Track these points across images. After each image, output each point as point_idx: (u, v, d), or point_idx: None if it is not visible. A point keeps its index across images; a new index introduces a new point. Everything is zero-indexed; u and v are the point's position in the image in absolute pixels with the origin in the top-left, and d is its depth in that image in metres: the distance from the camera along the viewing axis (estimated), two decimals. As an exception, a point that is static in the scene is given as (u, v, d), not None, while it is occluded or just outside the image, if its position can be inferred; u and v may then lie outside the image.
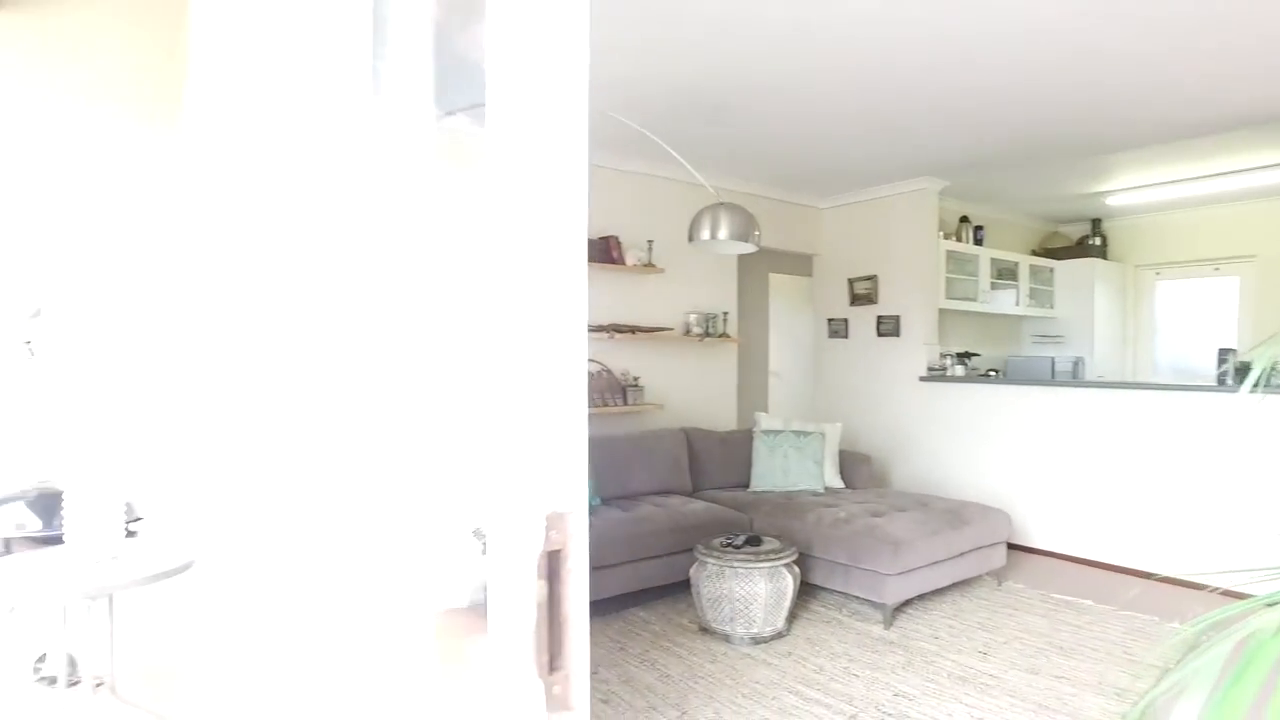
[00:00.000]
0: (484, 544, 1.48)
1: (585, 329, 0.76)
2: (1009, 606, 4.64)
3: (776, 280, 8.31)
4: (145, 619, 3.47)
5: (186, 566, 2.88)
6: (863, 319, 7.07)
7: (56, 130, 3.63)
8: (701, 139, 5.28)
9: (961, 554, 4.67)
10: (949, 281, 7.04)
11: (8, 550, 3.13)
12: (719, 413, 6.59)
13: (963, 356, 6.82)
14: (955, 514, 4.83)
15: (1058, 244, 8.60)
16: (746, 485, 5.66)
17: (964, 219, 7.49)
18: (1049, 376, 6.36)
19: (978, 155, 5.72)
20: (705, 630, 4.22)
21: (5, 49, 3.35)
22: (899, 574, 4.27)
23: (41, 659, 3.63)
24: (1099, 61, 3.97)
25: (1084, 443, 5.51)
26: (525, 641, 0.75)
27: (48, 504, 3.25)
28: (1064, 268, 8.30)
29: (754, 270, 7.79)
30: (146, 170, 3.93)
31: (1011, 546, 5.46)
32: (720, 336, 6.38)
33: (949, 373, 6.62)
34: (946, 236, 7.14)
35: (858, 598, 4.62)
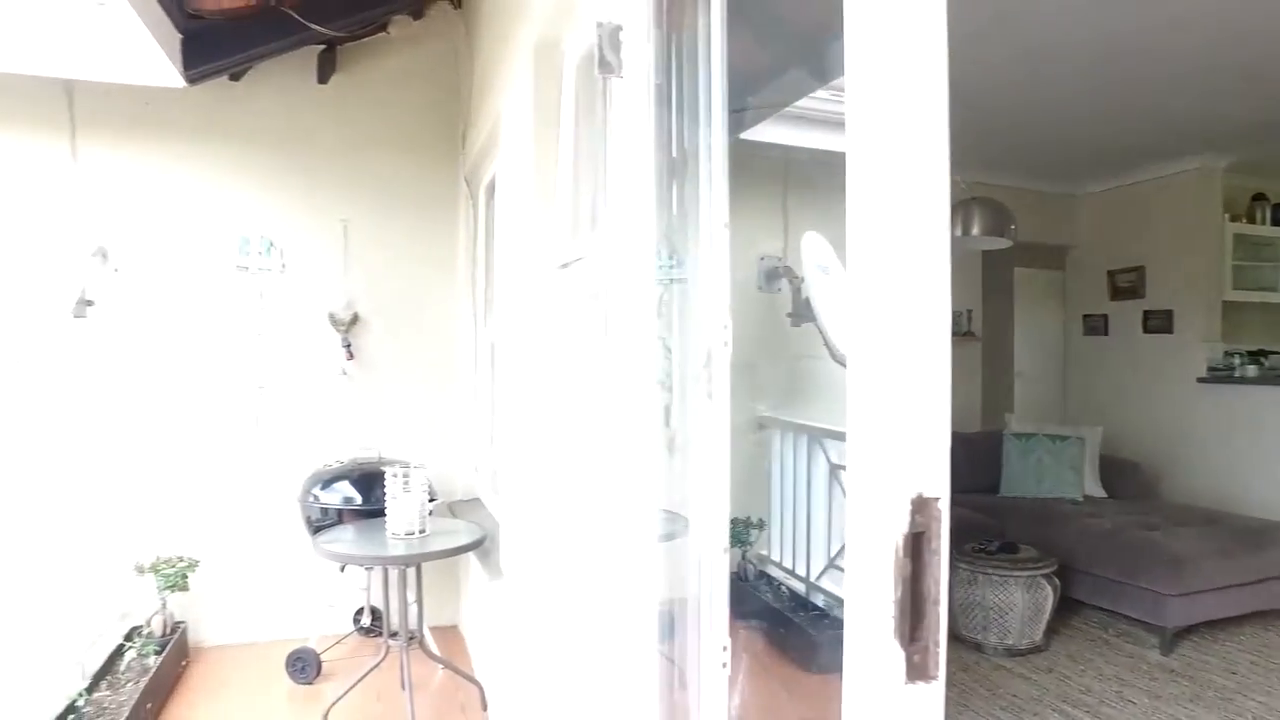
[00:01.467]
0: (670, 530, 1.57)
1: (948, 319, 0.83)
2: (1331, 646, 4.05)
3: (1023, 275, 7.78)
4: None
5: (479, 543, 3.26)
6: (1126, 314, 6.45)
7: (372, 168, 4.33)
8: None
9: (1263, 580, 4.13)
10: (1237, 270, 6.21)
11: (339, 520, 3.71)
12: (961, 413, 6.25)
13: (1257, 355, 5.99)
14: (1255, 534, 4.28)
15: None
16: (994, 490, 5.37)
17: (1258, 196, 6.56)
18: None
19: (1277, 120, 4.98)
20: (954, 636, 4.08)
21: (339, 105, 4.21)
22: (1181, 595, 3.88)
23: (359, 612, 4.26)
24: None
25: None
26: (885, 614, 0.83)
27: (367, 481, 3.81)
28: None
29: (998, 264, 7.35)
30: (435, 201, 4.50)
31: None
32: (964, 335, 6.10)
33: (1238, 373, 5.85)
34: (1235, 218, 6.31)
35: (1128, 617, 4.24)
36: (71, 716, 3.03)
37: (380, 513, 3.60)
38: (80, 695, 3.14)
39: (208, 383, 4.15)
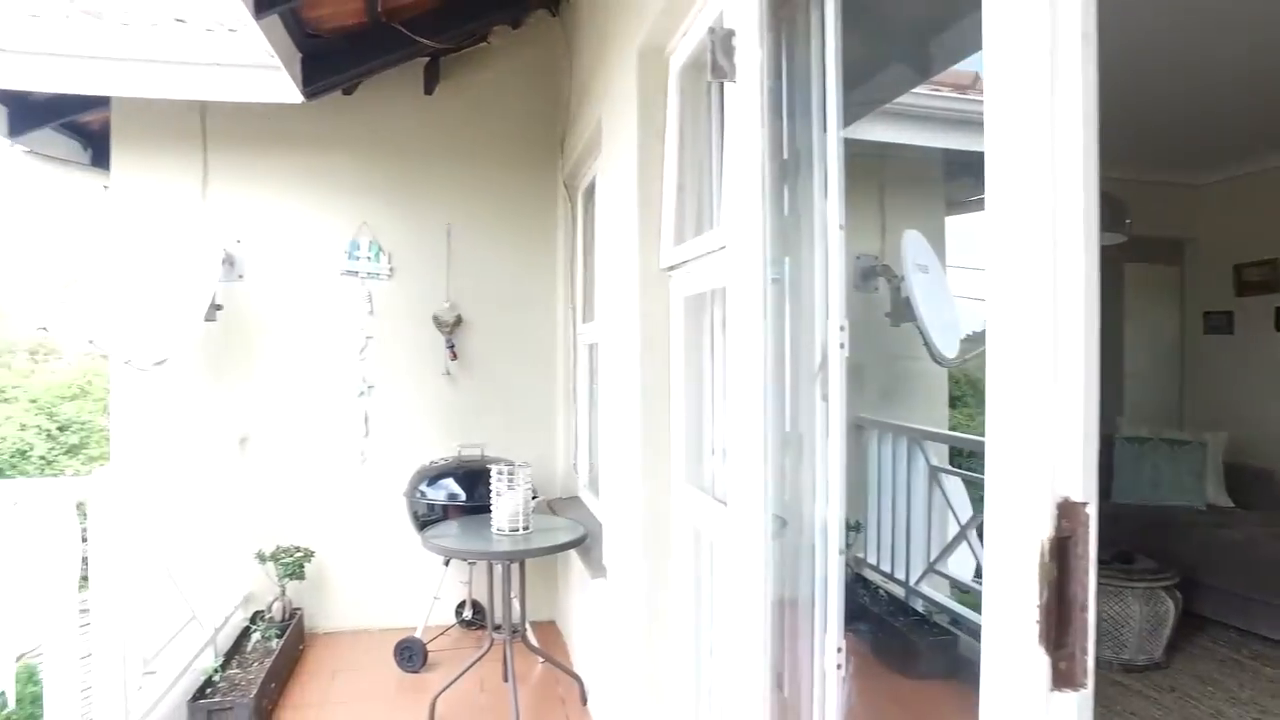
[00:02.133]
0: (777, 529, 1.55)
1: (1097, 317, 0.81)
2: None
3: (1134, 270, 7.38)
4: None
5: (580, 540, 3.33)
6: (1254, 311, 6.03)
7: (474, 174, 4.50)
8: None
9: None
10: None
11: (444, 515, 3.85)
12: (1069, 417, 6.02)
13: None
14: None
15: None
16: (1106, 496, 5.13)
17: None
18: None
19: None
20: (1066, 650, 3.91)
21: (444, 114, 4.40)
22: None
23: (461, 605, 4.40)
24: None
25: None
26: (1028, 619, 0.82)
27: (471, 478, 3.93)
28: None
29: (1106, 260, 6.95)
30: (534, 205, 4.61)
31: None
32: (1072, 334, 5.83)
33: (1382, 375, 5.41)
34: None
35: (1263, 637, 3.98)
36: (209, 690, 3.26)
37: (483, 509, 3.72)
38: (216, 671, 3.37)
39: (321, 382, 4.37)
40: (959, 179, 5.79)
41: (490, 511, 3.55)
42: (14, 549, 2.72)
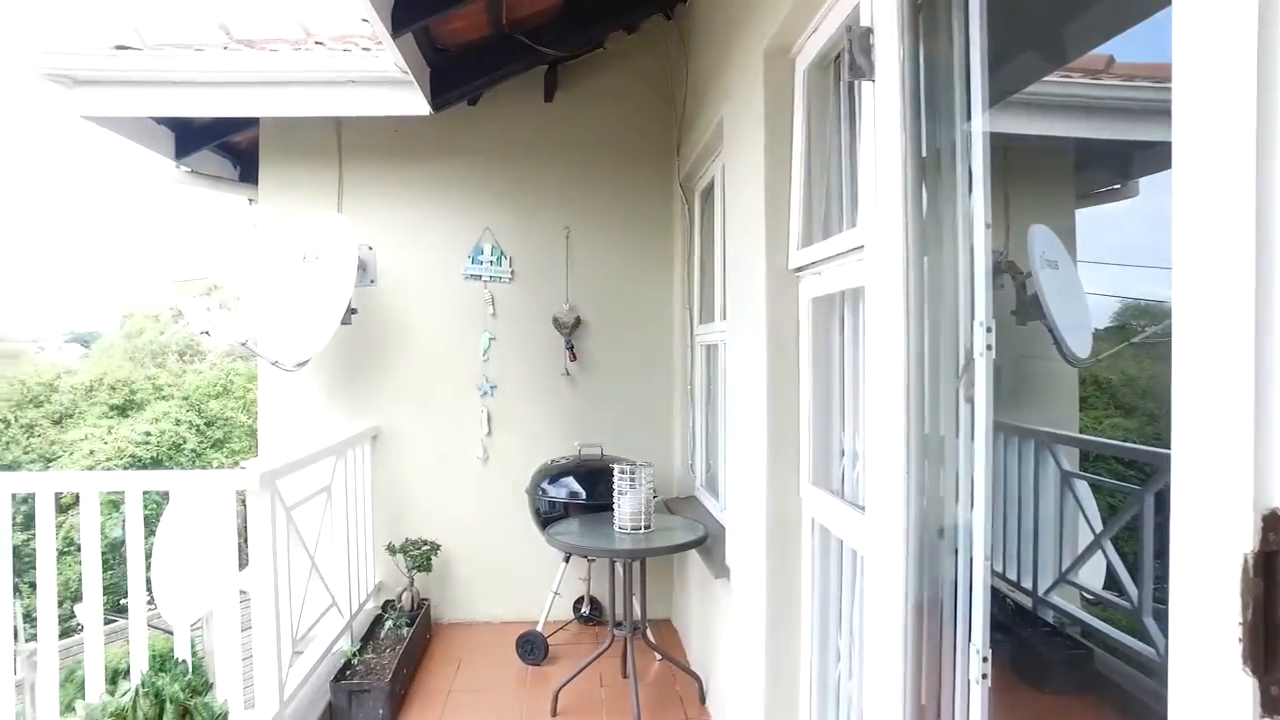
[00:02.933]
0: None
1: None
2: None
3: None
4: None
5: (701, 540, 3.34)
6: None
7: (592, 177, 4.60)
8: None
9: None
10: None
11: (565, 513, 3.94)
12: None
13: None
14: None
15: None
16: None
17: None
18: None
19: None
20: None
21: (562, 120, 4.54)
22: None
23: (579, 601, 4.49)
24: None
25: None
26: (1229, 638, 0.78)
27: (592, 477, 4.01)
28: None
29: None
30: (650, 207, 4.65)
31: None
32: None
33: None
34: None
35: None
36: (349, 672, 3.46)
37: (603, 507, 3.79)
38: (354, 654, 3.57)
39: (446, 381, 4.56)
40: (1090, 169, 5.46)
41: (610, 510, 3.62)
42: (188, 531, 2.97)
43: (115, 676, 2.96)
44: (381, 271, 4.47)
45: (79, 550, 3.04)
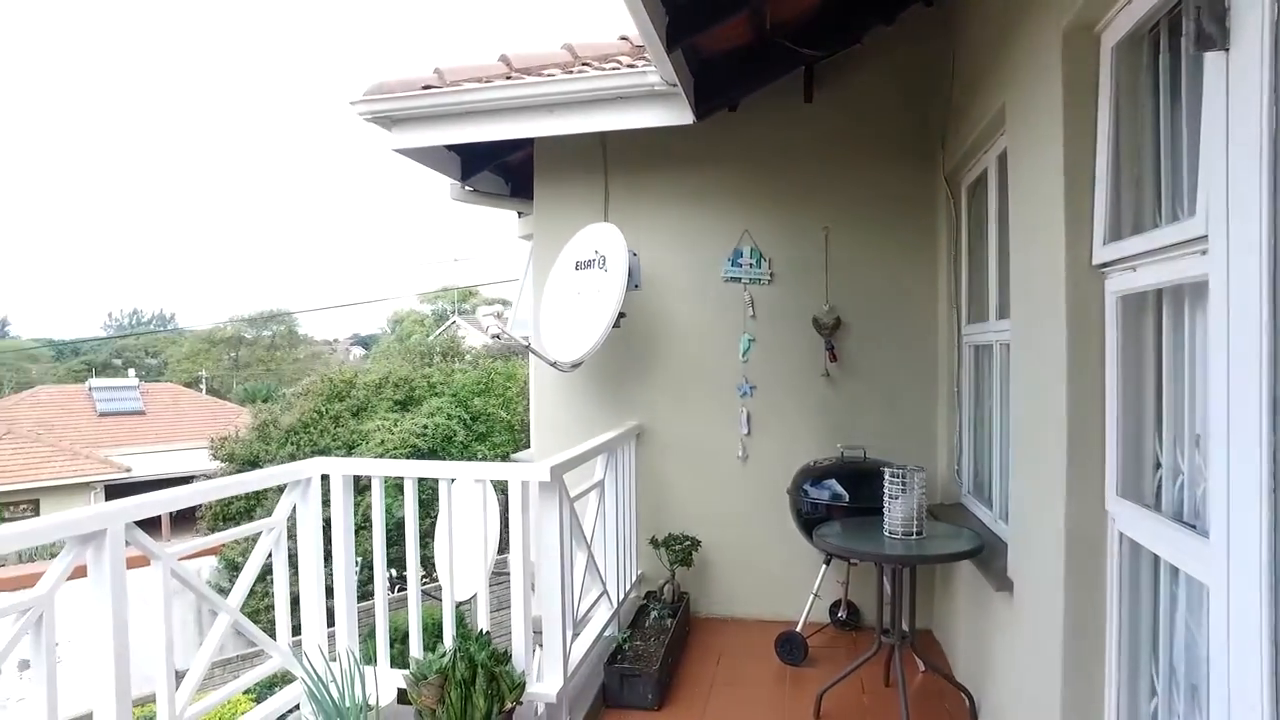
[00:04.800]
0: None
1: None
2: None
3: None
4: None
5: (978, 550, 3.17)
6: None
7: (850, 175, 4.56)
8: None
9: None
10: None
11: (828, 515, 3.92)
12: None
13: None
14: None
15: None
16: None
17: None
18: None
19: None
20: None
21: (821, 119, 4.53)
22: None
23: (837, 605, 4.44)
24: None
25: None
26: None
27: (855, 479, 3.95)
28: None
29: None
30: (912, 204, 4.49)
31: None
32: None
33: None
34: None
35: None
36: (619, 656, 3.68)
37: (866, 511, 3.72)
38: (624, 639, 3.79)
39: (707, 382, 4.70)
40: None
41: (873, 514, 3.55)
42: (466, 516, 3.32)
43: (404, 638, 3.39)
44: (645, 276, 4.70)
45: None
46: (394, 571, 11.31)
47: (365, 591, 9.07)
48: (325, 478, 3.27)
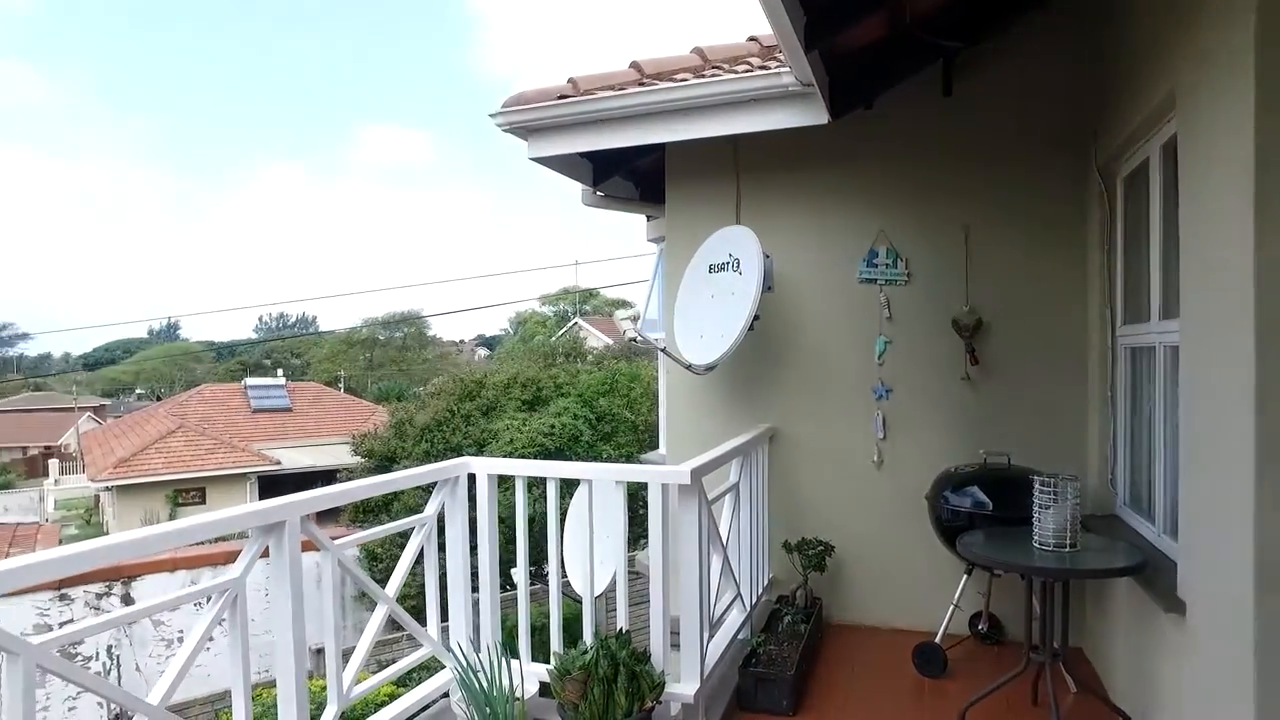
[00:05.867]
0: None
1: None
2: None
3: None
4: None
5: (1140, 567, 2.97)
6: None
7: (991, 171, 4.37)
8: None
9: None
10: None
11: (969, 523, 3.77)
12: None
13: None
14: None
15: None
16: None
17: None
18: None
19: None
20: None
21: (961, 113, 4.36)
22: None
23: (977, 617, 4.27)
24: None
25: None
26: None
27: (999, 487, 3.79)
28: None
29: None
30: (1060, 198, 4.25)
31: None
32: None
33: None
34: None
35: None
36: (754, 659, 3.66)
37: (1011, 520, 3.56)
38: (758, 642, 3.77)
39: (840, 384, 4.61)
40: None
41: (1019, 524, 3.39)
42: (595, 515, 3.38)
43: (534, 632, 3.48)
44: (777, 277, 4.66)
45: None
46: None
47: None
48: (471, 476, 3.41)
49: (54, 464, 34.30)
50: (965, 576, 3.94)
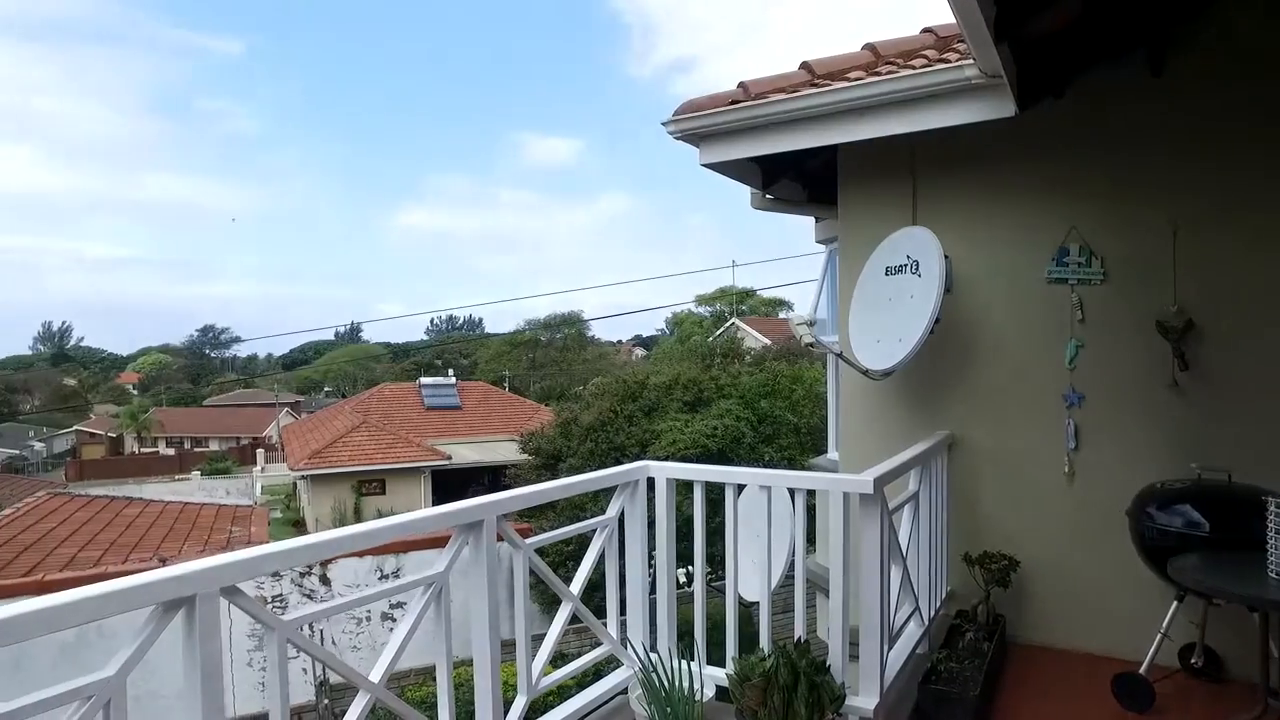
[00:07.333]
0: None
1: None
2: None
3: None
4: None
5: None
6: None
7: (1207, 157, 3.97)
8: None
9: None
10: None
11: (1177, 543, 3.44)
12: None
13: None
14: None
15: None
16: None
17: None
18: None
19: None
20: None
21: (1171, 95, 3.91)
22: None
23: (1190, 647, 3.91)
24: None
25: None
26: None
27: (1215, 506, 3.45)
28: None
29: None
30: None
31: None
32: None
33: None
34: None
35: None
36: (934, 676, 3.53)
37: (1230, 544, 3.25)
38: (938, 659, 3.63)
39: (1027, 390, 4.35)
40: None
41: (1240, 548, 3.10)
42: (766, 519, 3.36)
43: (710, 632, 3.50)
44: (956, 278, 4.46)
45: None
46: (681, 572, 11.79)
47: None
48: (650, 480, 3.50)
49: (260, 453, 38.60)
50: (1176, 603, 3.60)
